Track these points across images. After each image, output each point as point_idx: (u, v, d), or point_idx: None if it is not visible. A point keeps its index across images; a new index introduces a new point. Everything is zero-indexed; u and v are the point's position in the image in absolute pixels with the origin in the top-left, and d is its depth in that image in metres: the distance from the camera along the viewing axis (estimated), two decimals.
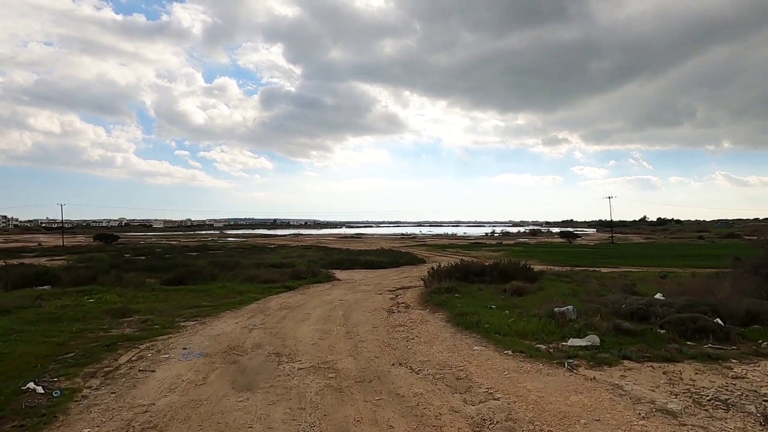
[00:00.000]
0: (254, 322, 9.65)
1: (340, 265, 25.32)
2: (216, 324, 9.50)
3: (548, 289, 13.82)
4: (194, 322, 9.75)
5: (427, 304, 11.60)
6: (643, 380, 5.22)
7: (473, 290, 13.59)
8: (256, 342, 7.81)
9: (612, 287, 13.43)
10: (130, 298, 13.24)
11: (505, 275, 16.24)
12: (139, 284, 15.69)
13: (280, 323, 9.43)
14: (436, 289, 13.06)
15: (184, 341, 7.90)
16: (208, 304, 12.37)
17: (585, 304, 10.18)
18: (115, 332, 8.97)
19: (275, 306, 11.87)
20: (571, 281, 16.42)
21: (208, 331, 8.74)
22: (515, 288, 13.37)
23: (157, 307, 11.79)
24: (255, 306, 11.93)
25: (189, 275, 16.69)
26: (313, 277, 18.17)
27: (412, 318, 9.70)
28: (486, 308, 10.29)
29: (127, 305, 11.84)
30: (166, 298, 13.66)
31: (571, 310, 8.80)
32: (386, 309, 11.16)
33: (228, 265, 23.65)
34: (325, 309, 11.17)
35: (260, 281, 16.47)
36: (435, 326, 8.66)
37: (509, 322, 8.30)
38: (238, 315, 10.55)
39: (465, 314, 9.24)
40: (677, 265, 24.78)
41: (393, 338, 7.75)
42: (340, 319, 9.76)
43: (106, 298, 13.15)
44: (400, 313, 10.54)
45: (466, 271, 16.01)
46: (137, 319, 10.32)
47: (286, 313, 10.61)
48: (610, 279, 17.34)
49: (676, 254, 32.18)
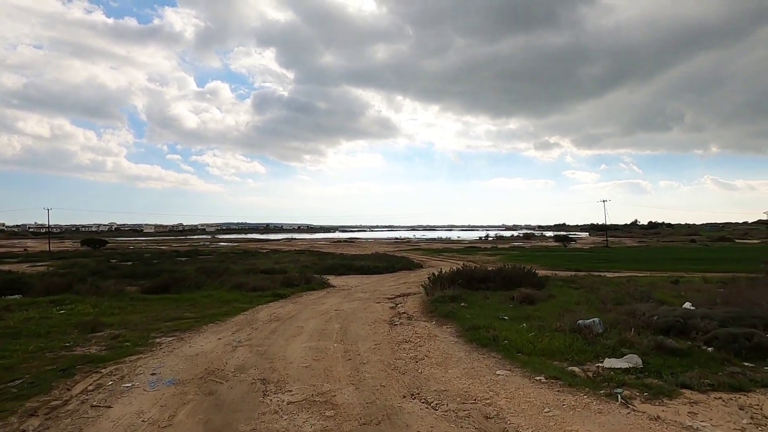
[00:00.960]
0: (240, 337, 8.47)
1: (334, 270, 24.13)
2: (196, 340, 8.30)
3: (559, 297, 12.78)
4: (171, 338, 8.54)
5: (431, 314, 10.48)
6: (720, 419, 4.15)
7: (479, 298, 12.51)
8: (239, 363, 6.64)
9: (627, 294, 12.43)
10: (104, 309, 11.97)
11: (510, 281, 15.21)
12: (117, 293, 14.40)
13: (268, 339, 8.26)
14: (440, 298, 11.96)
15: (155, 364, 6.70)
16: (190, 315, 11.15)
17: (607, 314, 9.15)
18: (79, 351, 7.74)
19: (264, 317, 10.68)
20: (580, 287, 15.40)
21: (185, 350, 7.54)
22: (524, 296, 12.31)
23: (132, 320, 10.55)
24: (242, 318, 10.73)
25: (172, 283, 15.40)
26: (307, 284, 16.97)
27: (417, 332, 8.58)
28: (498, 320, 9.20)
29: (99, 318, 10.58)
30: (144, 308, 12.41)
31: (597, 323, 7.75)
32: (387, 321, 10.02)
33: (216, 271, 22.32)
34: (320, 321, 10.00)
35: (249, 289, 15.24)
36: (445, 343, 7.54)
37: (530, 338, 7.21)
38: (222, 329, 9.35)
39: (477, 328, 8.14)
40: (680, 269, 23.94)
41: (399, 358, 6.61)
42: (336, 333, 8.61)
43: (78, 309, 11.87)
44: (403, 325, 9.41)
45: (469, 278, 14.92)
46: (108, 334, 9.09)
47: (276, 327, 9.44)
48: (619, 284, 16.38)
49: (676, 258, 31.41)
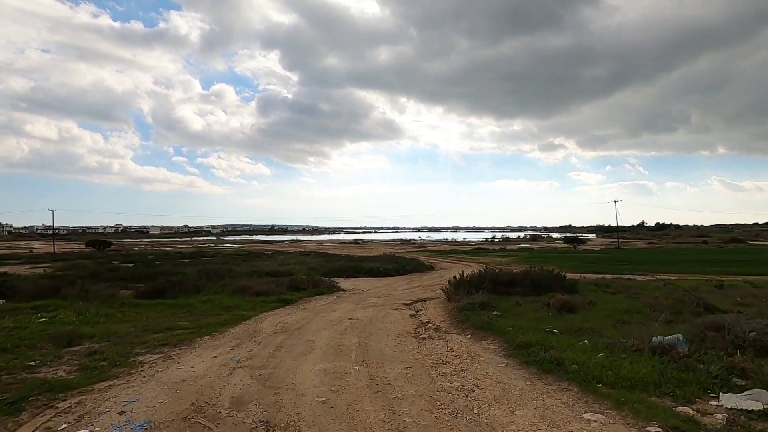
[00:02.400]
0: (239, 355, 6.95)
1: (342, 272, 22.64)
2: (186, 359, 6.79)
3: (600, 304, 11.18)
4: (157, 356, 7.03)
5: (462, 325, 8.93)
6: None
7: (510, 305, 10.94)
8: (236, 395, 5.12)
9: (679, 301, 10.83)
10: (89, 317, 10.50)
11: (538, 286, 13.63)
12: (107, 298, 12.93)
13: (273, 358, 6.73)
14: (468, 305, 10.40)
15: (128, 395, 5.19)
16: (184, 325, 9.65)
17: (674, 327, 7.57)
18: (43, 374, 6.25)
19: (269, 328, 9.16)
20: (616, 292, 13.80)
21: (170, 374, 6.03)
22: (562, 302, 10.73)
23: (118, 330, 9.06)
24: (243, 328, 9.21)
25: (169, 287, 13.93)
26: (315, 288, 15.46)
27: (453, 349, 7.02)
28: (547, 333, 7.63)
29: (79, 328, 9.11)
30: (135, 316, 10.92)
31: (680, 340, 6.18)
32: (412, 333, 8.47)
33: (218, 273, 20.85)
34: (333, 333, 8.47)
35: (252, 293, 13.74)
36: (494, 366, 5.98)
37: (603, 361, 5.64)
38: (219, 343, 7.84)
39: (528, 345, 6.57)
40: (709, 271, 22.28)
41: (442, 390, 5.07)
42: (355, 350, 7.07)
43: (60, 317, 10.39)
44: (432, 339, 7.85)
45: (494, 281, 13.36)
46: (84, 349, 7.60)
47: (282, 340, 7.91)
48: (657, 289, 14.78)
49: (699, 260, 29.66)
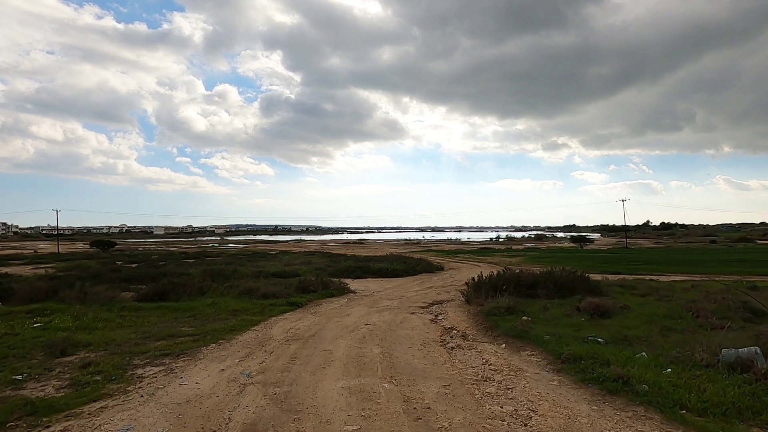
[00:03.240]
0: (249, 368, 6.15)
1: (350, 273, 21.83)
2: (190, 373, 5.99)
3: (635, 308, 10.33)
4: (158, 369, 6.24)
5: (491, 332, 8.10)
6: None
7: (536, 309, 10.11)
8: (249, 420, 4.32)
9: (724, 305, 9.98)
10: (87, 322, 9.72)
11: (562, 288, 12.80)
12: (107, 301, 12.16)
13: (288, 372, 5.93)
14: (494, 309, 9.58)
15: (124, 419, 4.39)
16: (188, 331, 8.86)
17: (734, 335, 6.74)
18: (30, 390, 5.49)
19: (280, 335, 8.36)
20: (645, 294, 12.94)
21: (173, 391, 5.23)
22: (594, 306, 9.89)
23: (116, 338, 8.28)
24: (252, 335, 8.41)
25: (172, 289, 13.15)
26: (324, 290, 14.65)
27: (489, 362, 6.20)
28: (590, 342, 6.80)
29: (75, 335, 8.35)
30: (136, 320, 10.14)
31: (757, 353, 5.34)
32: (438, 341, 7.65)
33: (223, 274, 20.05)
34: (351, 341, 7.66)
35: (260, 296, 12.95)
36: (544, 384, 5.15)
37: (673, 379, 4.81)
38: (226, 353, 7.04)
39: (578, 358, 5.74)
40: (731, 272, 21.35)
41: (494, 417, 4.24)
42: (380, 363, 6.25)
43: (55, 323, 9.63)
44: (462, 349, 7.03)
45: (516, 283, 12.54)
46: (79, 360, 6.83)
47: (296, 350, 7.10)
48: (686, 290, 13.92)
49: (716, 260, 28.70)
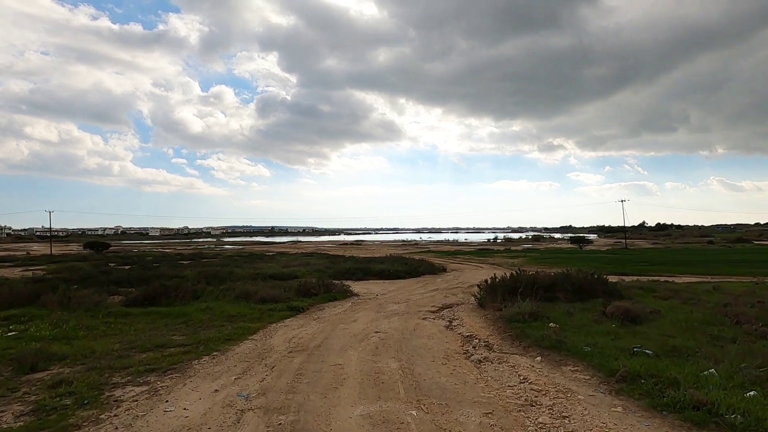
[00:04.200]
0: (248, 387, 5.20)
1: (351, 275, 20.89)
2: (178, 394, 5.04)
3: (666, 313, 9.47)
4: (141, 389, 5.28)
5: (519, 342, 7.19)
6: None
7: (559, 314, 9.23)
8: None
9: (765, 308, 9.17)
10: (67, 330, 8.73)
11: (580, 290, 11.96)
12: (92, 306, 11.15)
13: (294, 393, 4.99)
14: (516, 315, 8.68)
15: None
16: (179, 340, 7.90)
17: None
18: None
19: (281, 345, 7.41)
20: (667, 297, 12.10)
21: (155, 421, 4.27)
22: (622, 311, 9.03)
23: (98, 349, 7.31)
24: (250, 346, 7.45)
25: (163, 292, 12.15)
26: (326, 292, 13.70)
27: (528, 379, 5.29)
28: (637, 354, 5.92)
29: (51, 345, 7.38)
30: (121, 328, 9.15)
31: None
32: (461, 352, 6.74)
33: (219, 276, 19.04)
34: (363, 353, 6.72)
35: (258, 300, 11.98)
36: (606, 410, 4.24)
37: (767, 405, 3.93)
38: (220, 368, 6.08)
39: (636, 376, 4.85)
40: (743, 273, 20.64)
41: None
42: (400, 380, 5.33)
43: (32, 331, 8.64)
44: (490, 363, 6.11)
45: (532, 285, 11.65)
46: (50, 377, 5.86)
47: (301, 364, 6.17)
48: (708, 293, 13.12)
49: (723, 260, 28.01)
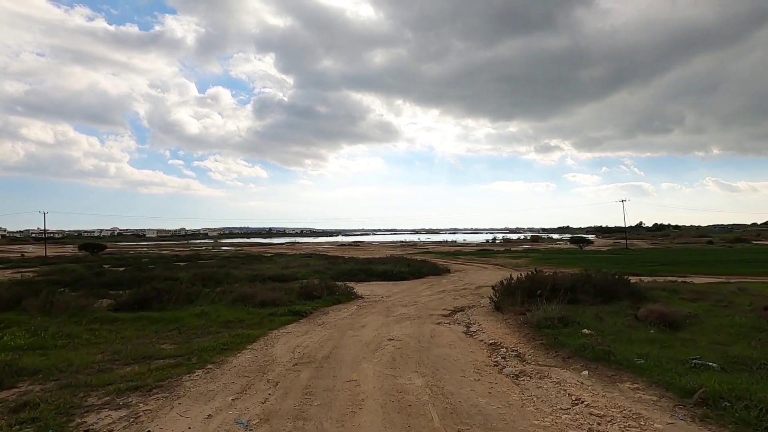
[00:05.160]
0: (248, 412, 4.30)
1: (353, 276, 20.00)
2: (163, 423, 4.12)
3: (704, 317, 8.62)
4: (119, 413, 4.36)
5: (554, 351, 6.31)
6: None
7: (588, 319, 8.37)
8: None
9: None
10: (46, 338, 7.81)
11: (602, 292, 11.11)
12: (78, 310, 10.20)
13: (304, 420, 4.08)
14: (544, 320, 7.81)
15: None
16: (168, 350, 6.97)
17: None
18: None
19: (285, 356, 6.50)
20: (695, 299, 11.26)
21: None
22: (657, 315, 8.17)
23: (76, 361, 6.38)
24: (249, 357, 6.53)
25: (156, 295, 11.22)
26: (330, 295, 12.80)
27: (582, 400, 4.41)
28: (702, 367, 5.06)
29: (24, 357, 6.46)
30: (107, 336, 8.22)
31: None
32: (491, 364, 5.85)
33: (215, 278, 18.09)
34: (380, 365, 5.82)
35: (257, 303, 11.06)
36: None
37: None
38: (215, 386, 5.16)
39: (717, 397, 3.99)
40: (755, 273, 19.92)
41: None
42: (430, 402, 4.43)
43: (6, 340, 7.69)
44: (530, 378, 5.23)
45: (552, 287, 10.79)
46: (16, 397, 4.95)
47: (309, 380, 5.26)
48: (734, 294, 12.32)
49: (729, 261, 27.30)
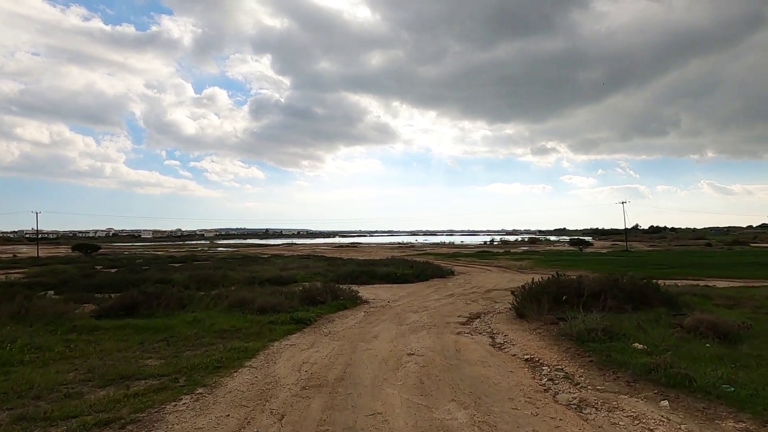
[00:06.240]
0: None
1: (354, 279, 18.91)
2: None
3: (759, 328, 7.65)
4: None
5: (610, 371, 5.28)
6: None
7: (631, 329, 7.37)
8: None
9: None
10: (13, 352, 6.68)
11: (630, 298, 10.12)
12: (56, 317, 9.07)
13: None
14: (586, 332, 6.79)
15: None
16: (153, 368, 5.89)
17: None
18: None
19: (290, 376, 5.43)
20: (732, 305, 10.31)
21: None
22: (708, 326, 7.18)
23: (40, 382, 5.28)
24: (247, 377, 5.45)
25: (144, 300, 10.10)
26: (334, 300, 11.73)
27: None
28: None
29: None
30: (83, 348, 7.10)
31: None
32: (540, 389, 4.81)
33: (211, 280, 16.95)
34: (408, 392, 4.77)
35: (255, 309, 9.96)
36: None
37: None
38: (206, 421, 4.07)
39: None
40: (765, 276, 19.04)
41: None
42: None
43: None
44: (596, 410, 4.18)
45: (577, 292, 9.81)
46: None
47: (322, 412, 4.20)
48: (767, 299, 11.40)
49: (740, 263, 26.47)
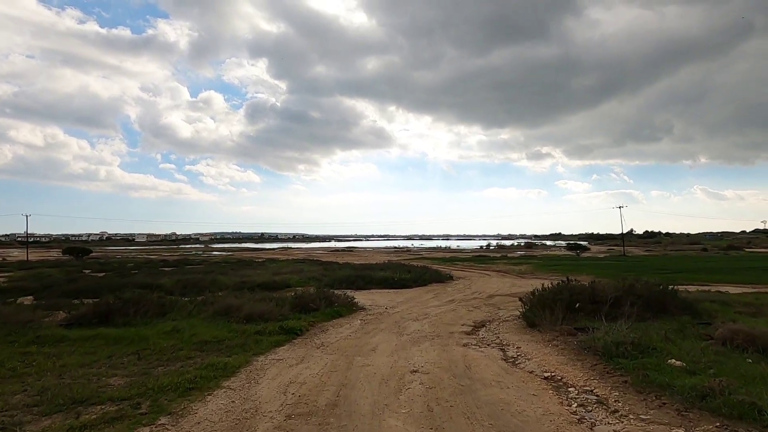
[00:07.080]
0: None
1: (350, 284, 18.03)
2: None
3: None
4: None
5: (651, 394, 4.46)
6: None
7: (656, 340, 6.57)
8: None
9: None
10: None
11: (648, 306, 9.36)
12: (20, 326, 8.14)
13: None
14: (614, 346, 5.99)
15: None
16: (116, 388, 5.00)
17: None
18: None
19: (274, 402, 4.56)
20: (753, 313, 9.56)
21: None
22: (744, 337, 6.40)
23: None
24: (224, 403, 4.58)
25: (120, 308, 9.18)
26: (328, 306, 10.86)
27: None
28: None
29: None
30: (43, 363, 6.19)
31: None
32: (574, 419, 3.96)
33: (199, 285, 16.00)
34: (415, 424, 3.90)
35: (242, 318, 9.06)
36: None
37: None
38: None
39: None
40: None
41: None
42: None
43: None
44: None
45: (591, 299, 9.02)
46: None
47: None
48: None
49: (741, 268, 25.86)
